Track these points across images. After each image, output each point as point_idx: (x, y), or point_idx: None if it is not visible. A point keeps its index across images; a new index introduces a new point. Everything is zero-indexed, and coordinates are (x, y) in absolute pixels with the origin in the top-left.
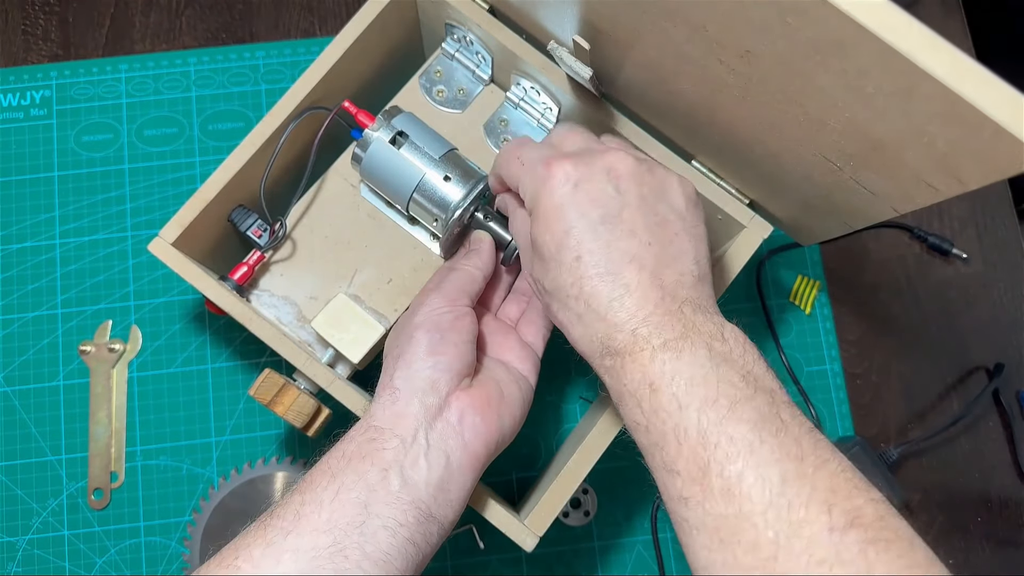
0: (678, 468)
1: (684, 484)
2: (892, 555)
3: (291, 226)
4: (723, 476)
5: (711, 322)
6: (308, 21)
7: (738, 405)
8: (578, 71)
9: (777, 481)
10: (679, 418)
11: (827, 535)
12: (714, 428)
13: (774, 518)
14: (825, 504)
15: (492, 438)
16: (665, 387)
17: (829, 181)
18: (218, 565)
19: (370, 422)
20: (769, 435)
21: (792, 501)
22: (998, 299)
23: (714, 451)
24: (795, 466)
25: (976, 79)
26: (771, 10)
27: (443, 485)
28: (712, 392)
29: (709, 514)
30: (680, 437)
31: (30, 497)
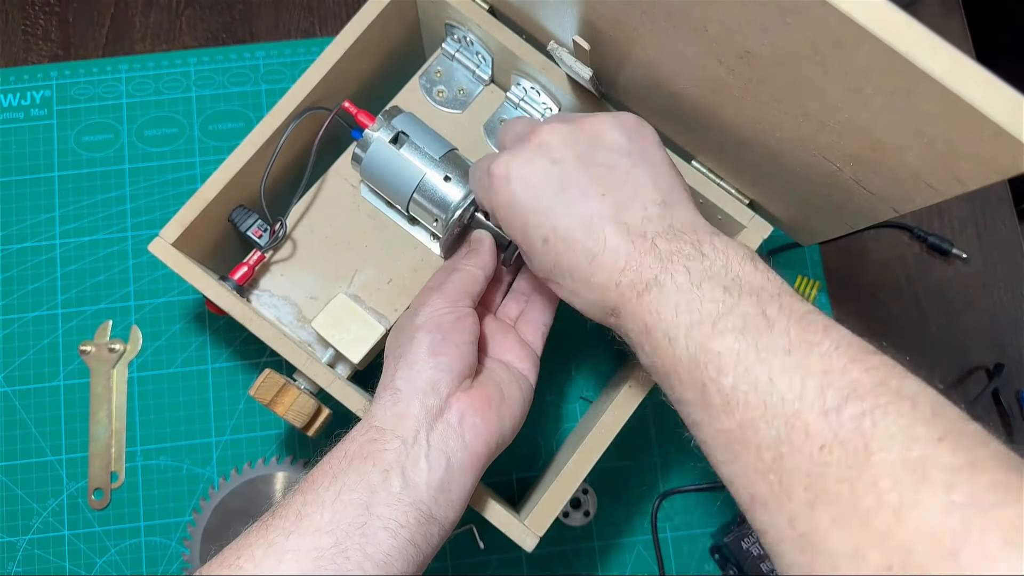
0: (686, 397)
1: (692, 410)
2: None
3: (291, 226)
4: (719, 392)
5: (688, 243)
6: (308, 21)
7: (721, 319)
8: (578, 71)
9: (766, 380)
10: (672, 350)
11: (823, 419)
12: (701, 349)
13: (772, 417)
14: (818, 388)
15: (492, 439)
16: (655, 325)
17: (829, 181)
18: (220, 565)
19: (371, 422)
20: (754, 336)
21: (784, 395)
22: (998, 299)
23: (706, 370)
24: (783, 360)
25: (976, 80)
26: (771, 10)
27: (444, 486)
28: (695, 315)
29: (719, 431)
30: (679, 368)
31: (30, 497)
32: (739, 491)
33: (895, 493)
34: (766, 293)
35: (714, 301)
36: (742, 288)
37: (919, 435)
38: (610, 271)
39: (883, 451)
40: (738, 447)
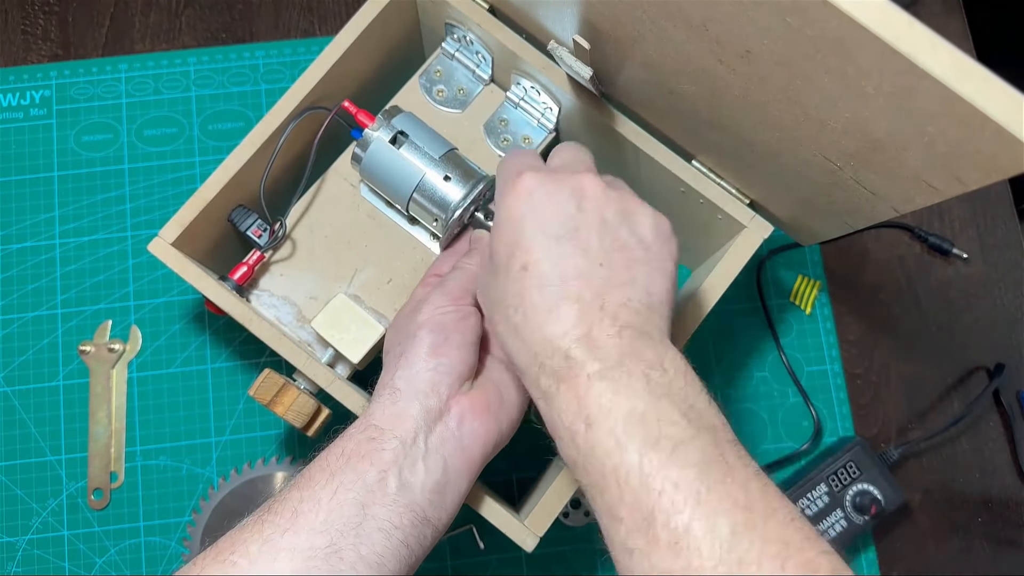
0: (620, 514)
1: (628, 533)
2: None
3: (291, 226)
4: (669, 528)
5: (651, 350)
6: (308, 21)
7: (681, 447)
8: (578, 71)
9: (727, 534)
10: (619, 459)
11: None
12: (657, 473)
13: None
14: (778, 559)
15: (490, 442)
16: (602, 422)
17: (829, 181)
18: (214, 559)
19: (370, 420)
20: (716, 481)
21: (743, 557)
22: (998, 299)
23: (659, 498)
24: (744, 516)
25: (976, 79)
26: (771, 10)
27: (439, 489)
28: (653, 432)
29: (656, 567)
30: (621, 481)
31: (30, 497)
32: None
33: None
34: (720, 435)
35: (674, 424)
36: (700, 420)
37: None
38: (567, 331)
39: None
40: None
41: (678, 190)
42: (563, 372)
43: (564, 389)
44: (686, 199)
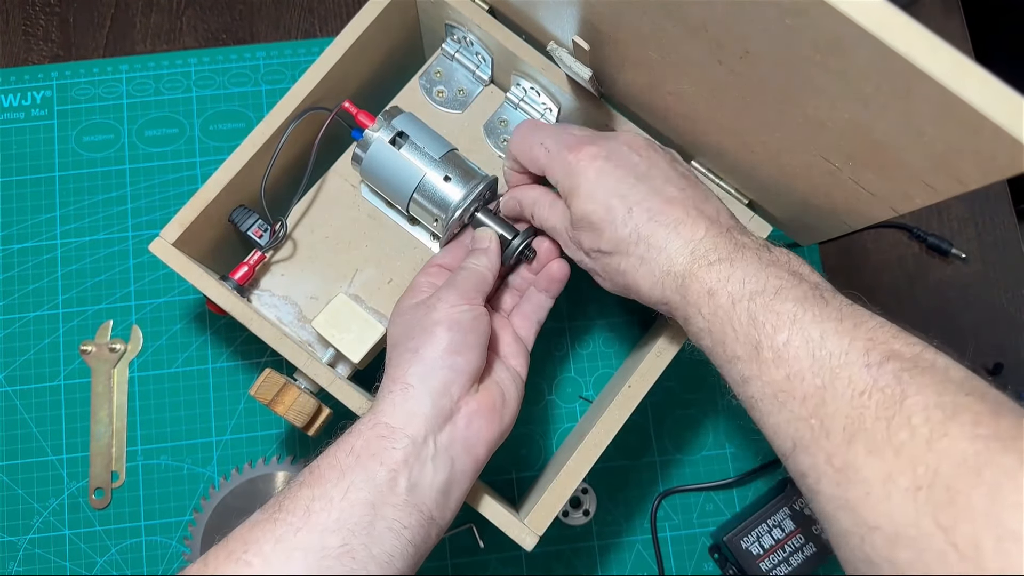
0: (738, 354)
1: (743, 365)
2: (926, 379)
3: (291, 226)
4: (773, 348)
5: (756, 242)
6: (308, 21)
7: (783, 290)
8: (578, 72)
9: (818, 337)
10: (734, 312)
11: (865, 371)
12: (762, 311)
13: (819, 368)
14: (863, 349)
15: (493, 442)
16: (720, 289)
17: (828, 181)
18: (227, 558)
19: (380, 417)
20: (812, 306)
21: (833, 351)
22: (997, 299)
23: (763, 328)
24: (835, 325)
25: (975, 80)
26: (771, 11)
27: (445, 489)
28: (761, 284)
29: (767, 384)
30: (736, 325)
31: (31, 496)
32: (782, 440)
33: (926, 427)
34: (823, 286)
35: (778, 278)
36: (802, 277)
37: (950, 388)
38: (687, 239)
39: (917, 395)
40: (784, 397)
41: None
42: (688, 269)
43: (690, 280)
44: None
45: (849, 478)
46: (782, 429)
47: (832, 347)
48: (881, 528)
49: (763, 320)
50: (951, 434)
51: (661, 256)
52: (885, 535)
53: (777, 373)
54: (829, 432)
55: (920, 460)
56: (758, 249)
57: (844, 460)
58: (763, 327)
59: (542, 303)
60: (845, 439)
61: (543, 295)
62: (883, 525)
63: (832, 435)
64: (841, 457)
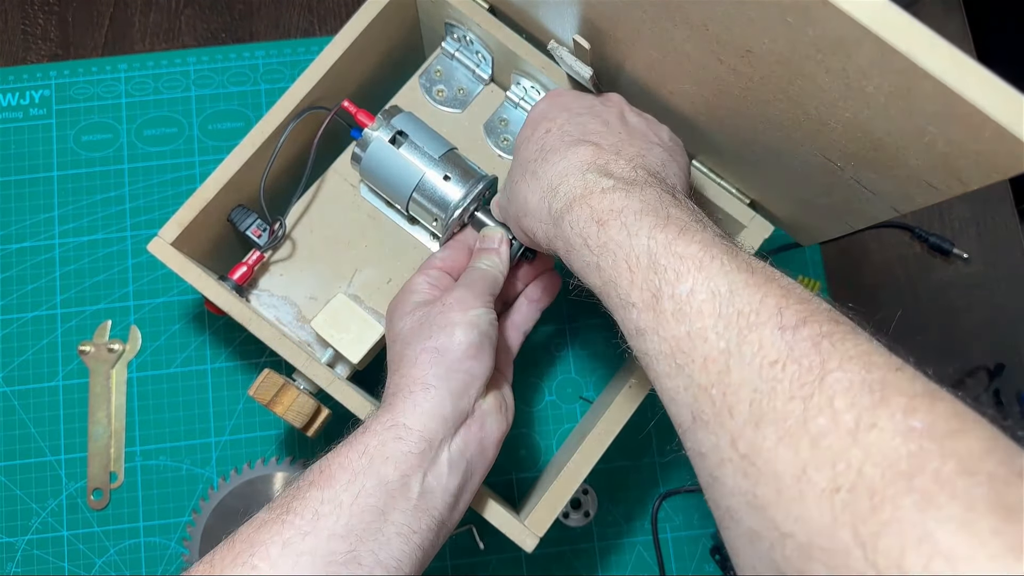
0: (632, 299)
1: (639, 314)
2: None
3: (291, 226)
4: (674, 297)
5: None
6: (308, 21)
7: (688, 229)
8: (578, 71)
9: (726, 292)
10: (629, 246)
11: (778, 335)
12: (663, 250)
13: (724, 328)
14: (776, 308)
15: (501, 443)
16: (613, 220)
17: (829, 181)
18: (233, 560)
19: (398, 418)
20: (720, 253)
21: (742, 309)
22: (998, 299)
23: (664, 273)
24: (744, 277)
25: (976, 79)
26: (771, 10)
27: (458, 492)
28: (662, 219)
29: (664, 339)
30: (632, 265)
31: (29, 497)
32: (680, 410)
33: (851, 413)
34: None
35: (681, 220)
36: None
37: (878, 362)
38: (583, 160)
39: (841, 370)
40: (682, 358)
41: None
42: (578, 192)
43: (577, 205)
44: None
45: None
46: (680, 396)
47: (741, 304)
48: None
49: (665, 264)
50: (880, 425)
51: (552, 171)
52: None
53: (677, 328)
54: (732, 408)
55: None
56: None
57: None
58: (664, 272)
59: (530, 314)
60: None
61: (532, 306)
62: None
63: (736, 412)
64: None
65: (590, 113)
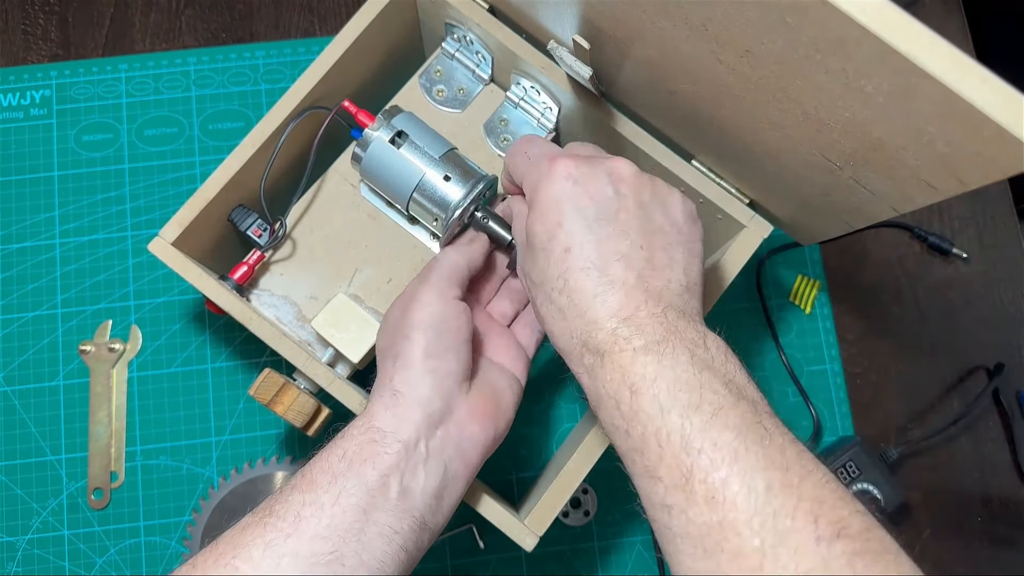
0: (660, 474)
1: (667, 491)
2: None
3: (291, 226)
4: (707, 483)
5: (694, 329)
6: (308, 21)
7: (722, 412)
8: (578, 71)
9: (763, 489)
10: (661, 422)
11: (814, 545)
12: (698, 434)
13: (759, 526)
14: (811, 514)
15: (488, 447)
16: (646, 390)
17: (829, 181)
18: (215, 562)
19: (372, 421)
20: (754, 443)
21: (778, 510)
22: (998, 299)
23: (698, 457)
24: (781, 475)
25: (976, 79)
26: (771, 10)
27: (438, 494)
28: (695, 397)
29: (693, 522)
30: (662, 442)
31: (30, 497)
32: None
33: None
34: (760, 407)
35: (715, 392)
36: (740, 392)
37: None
38: (614, 312)
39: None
40: (712, 545)
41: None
42: (608, 347)
43: (609, 363)
44: None
45: None
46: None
47: (778, 505)
48: None
49: (698, 447)
50: None
51: (580, 320)
52: None
53: (709, 516)
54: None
55: None
56: (693, 343)
57: None
58: (698, 456)
59: None
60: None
61: None
62: None
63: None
64: None
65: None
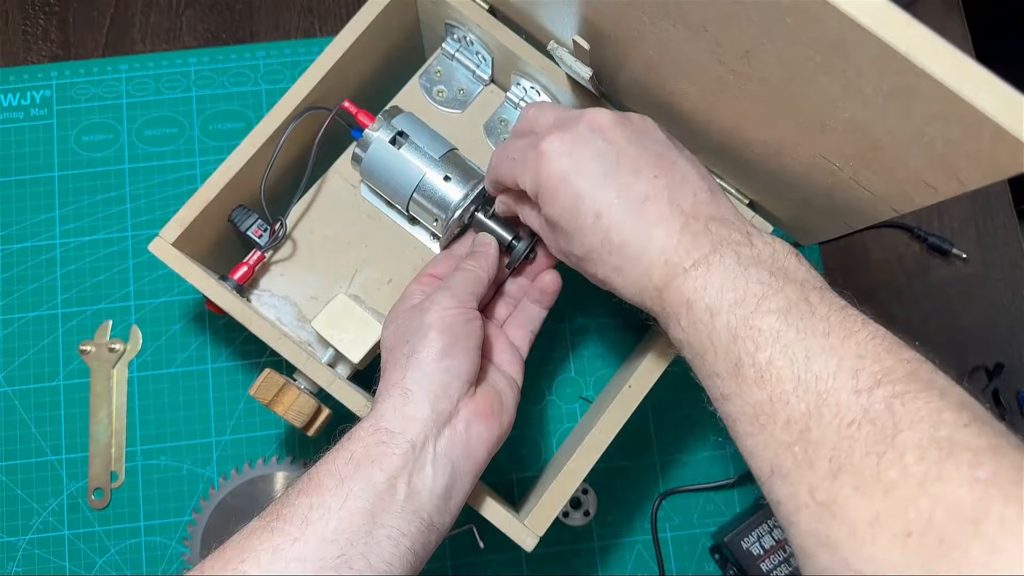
0: (717, 370)
1: (723, 382)
2: (919, 403)
3: (291, 226)
4: (755, 366)
5: (737, 231)
6: (308, 21)
7: (765, 300)
8: (578, 71)
9: (803, 358)
10: (712, 324)
11: (854, 398)
12: (743, 324)
13: (804, 392)
14: (852, 370)
15: (493, 446)
16: (698, 300)
17: (829, 181)
18: (223, 566)
19: (380, 423)
20: (796, 318)
21: (819, 373)
22: (998, 299)
23: (744, 344)
24: (821, 341)
25: (976, 80)
26: (771, 10)
27: (446, 495)
28: (740, 294)
29: (747, 403)
30: (715, 340)
31: (30, 497)
32: (760, 464)
33: (920, 466)
34: (809, 284)
35: (760, 283)
36: (787, 276)
37: (947, 420)
38: (662, 247)
39: (911, 430)
40: (765, 419)
41: None
42: (666, 280)
43: (668, 291)
44: None
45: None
46: (760, 452)
47: (818, 369)
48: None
49: (744, 336)
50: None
51: (637, 268)
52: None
53: (760, 394)
54: (813, 463)
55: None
56: (738, 244)
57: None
58: (744, 344)
59: (536, 314)
60: (830, 472)
61: (536, 306)
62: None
63: (816, 466)
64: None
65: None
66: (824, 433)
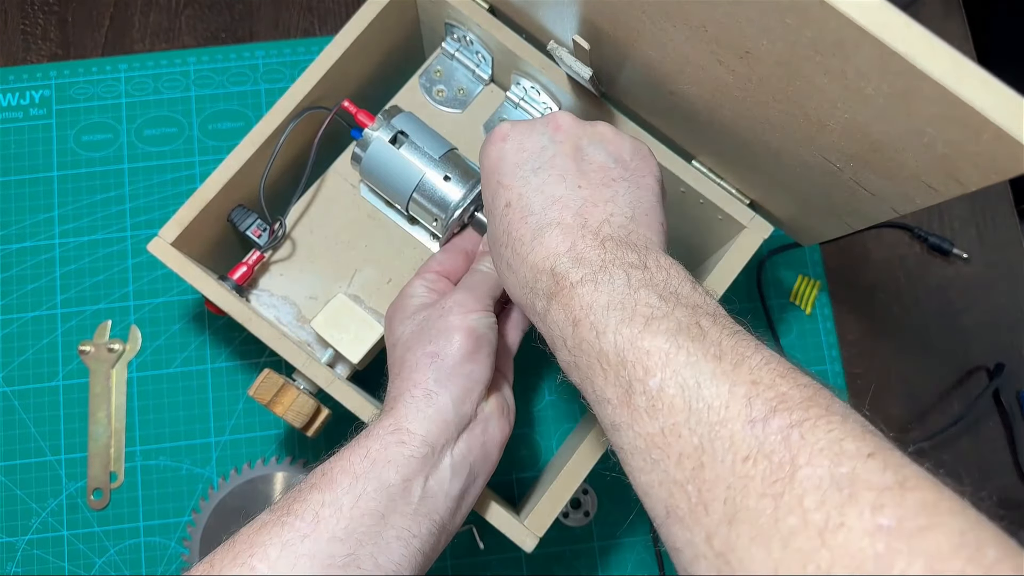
0: (607, 396)
1: (615, 411)
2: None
3: (291, 226)
4: (645, 393)
5: (635, 253)
6: (308, 21)
7: (653, 321)
8: (578, 71)
9: (693, 384)
10: (599, 345)
11: (748, 428)
12: (630, 346)
13: (695, 423)
14: (745, 397)
15: (504, 446)
16: (583, 319)
17: (829, 182)
18: (232, 560)
19: (401, 422)
20: (686, 340)
21: (711, 402)
22: (998, 299)
23: (633, 369)
24: (712, 366)
25: (976, 81)
26: (770, 11)
27: (461, 496)
28: (628, 313)
29: (639, 435)
30: (603, 363)
31: (29, 497)
32: (655, 504)
33: (820, 513)
34: (702, 310)
35: (649, 305)
36: (679, 300)
37: (848, 451)
38: (550, 251)
39: (810, 466)
40: (658, 454)
41: (678, 190)
42: (552, 289)
43: (554, 304)
44: (686, 199)
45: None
46: (655, 491)
47: (709, 396)
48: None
49: (633, 360)
50: (849, 524)
51: (524, 267)
52: None
53: (651, 425)
54: (708, 505)
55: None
56: (631, 266)
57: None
58: (633, 368)
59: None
60: (726, 517)
61: None
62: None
63: (711, 510)
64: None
65: (545, 167)
66: (718, 471)
